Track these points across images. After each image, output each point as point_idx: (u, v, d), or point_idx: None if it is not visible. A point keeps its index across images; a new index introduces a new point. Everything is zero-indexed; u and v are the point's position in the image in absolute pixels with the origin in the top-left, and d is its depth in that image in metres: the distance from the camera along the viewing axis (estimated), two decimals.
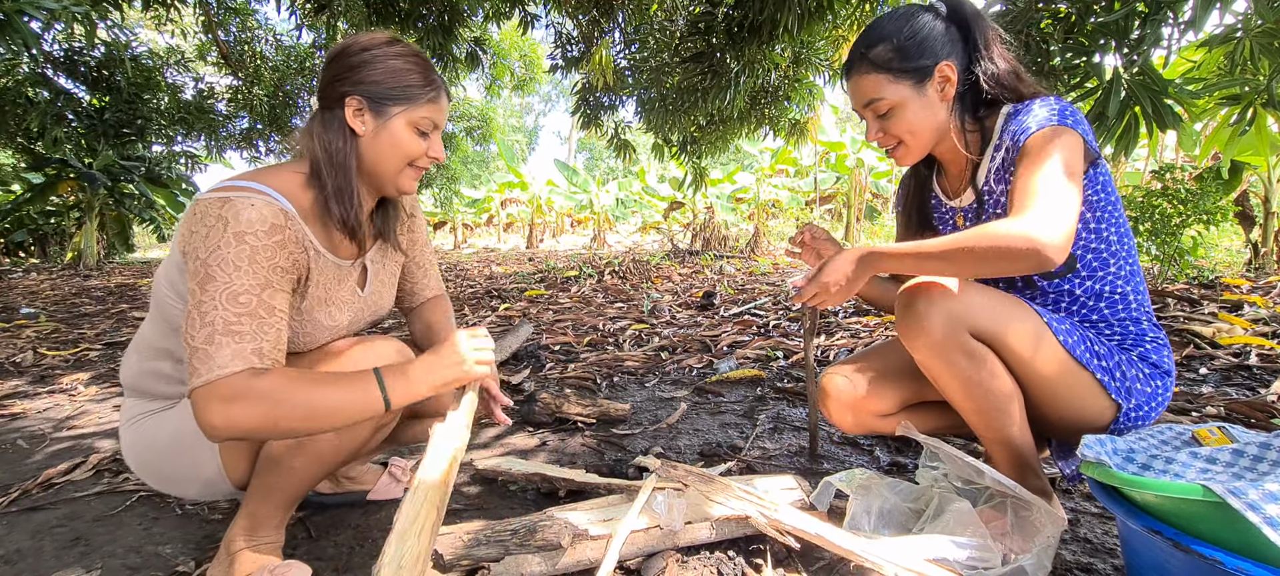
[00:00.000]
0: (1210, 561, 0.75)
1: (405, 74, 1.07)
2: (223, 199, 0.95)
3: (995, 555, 1.04)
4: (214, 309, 0.89)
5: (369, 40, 1.08)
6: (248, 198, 0.95)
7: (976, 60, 1.16)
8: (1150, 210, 3.72)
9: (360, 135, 1.07)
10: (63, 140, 8.67)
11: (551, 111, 44.93)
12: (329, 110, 1.06)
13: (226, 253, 0.91)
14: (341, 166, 1.05)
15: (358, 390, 0.95)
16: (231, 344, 0.88)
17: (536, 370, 2.79)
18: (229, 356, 0.87)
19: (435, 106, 1.11)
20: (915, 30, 1.15)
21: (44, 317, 4.58)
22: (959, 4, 1.19)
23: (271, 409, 0.88)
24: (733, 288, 5.36)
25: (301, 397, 0.90)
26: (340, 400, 0.93)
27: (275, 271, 0.96)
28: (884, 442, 1.79)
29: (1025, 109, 1.11)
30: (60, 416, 2.24)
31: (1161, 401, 1.14)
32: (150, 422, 1.11)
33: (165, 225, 11.37)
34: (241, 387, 0.87)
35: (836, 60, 5.18)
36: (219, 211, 0.93)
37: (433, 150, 1.12)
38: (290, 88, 8.82)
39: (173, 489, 1.14)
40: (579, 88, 5.88)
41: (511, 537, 1.11)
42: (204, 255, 0.91)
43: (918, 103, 1.17)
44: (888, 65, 1.16)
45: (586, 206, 16.00)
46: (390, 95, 1.06)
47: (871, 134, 1.24)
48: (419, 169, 1.14)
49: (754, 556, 1.18)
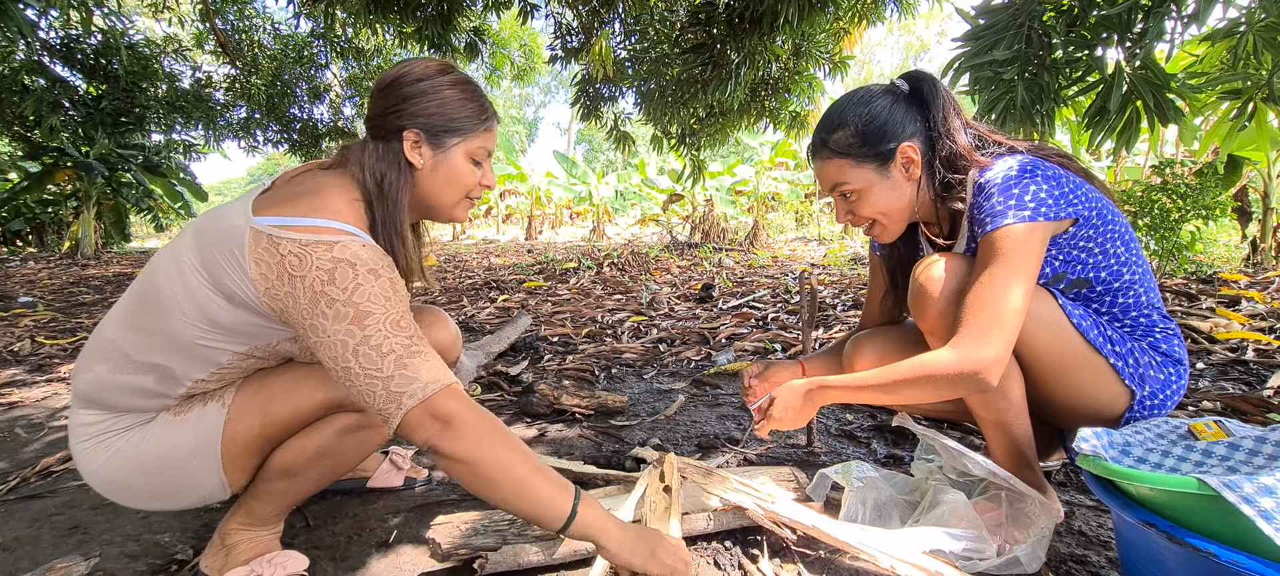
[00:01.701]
0: (1204, 554, 0.75)
1: (462, 105, 1.06)
2: (324, 243, 0.91)
3: (990, 546, 1.04)
4: (385, 339, 0.88)
5: (423, 70, 1.06)
6: (345, 239, 0.92)
7: (938, 137, 1.15)
8: (1150, 205, 3.72)
9: (417, 168, 1.06)
10: (59, 128, 8.63)
11: (551, 103, 44.85)
12: (383, 142, 1.04)
13: (370, 288, 0.90)
14: (393, 200, 1.03)
15: (550, 491, 0.91)
16: (425, 363, 0.89)
17: (535, 361, 2.79)
18: (430, 374, 0.89)
19: (490, 135, 1.11)
20: (874, 115, 1.15)
21: (42, 306, 4.58)
22: (919, 84, 1.18)
23: (475, 449, 0.88)
24: (731, 280, 5.36)
25: (503, 457, 0.89)
26: (532, 488, 0.90)
27: (405, 300, 0.95)
28: (881, 435, 1.79)
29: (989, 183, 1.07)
30: (58, 405, 2.24)
31: (1177, 390, 1.14)
32: (124, 441, 1.02)
33: (162, 214, 11.33)
34: (457, 404, 0.88)
35: (838, 52, 5.15)
36: (332, 255, 0.90)
37: (485, 178, 1.13)
38: (288, 77, 8.78)
39: (156, 505, 1.07)
40: (578, 79, 5.85)
41: (509, 527, 1.12)
42: (343, 298, 0.88)
43: (883, 185, 1.16)
44: (849, 151, 1.16)
45: (585, 198, 15.97)
46: (448, 127, 1.05)
47: (841, 216, 1.24)
48: (473, 199, 1.14)
49: (751, 547, 1.18)
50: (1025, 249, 1.01)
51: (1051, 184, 1.05)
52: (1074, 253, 1.11)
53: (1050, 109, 1.92)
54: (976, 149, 1.14)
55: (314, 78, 9.26)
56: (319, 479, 1.11)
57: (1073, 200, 1.06)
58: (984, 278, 1.01)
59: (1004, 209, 1.03)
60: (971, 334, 0.99)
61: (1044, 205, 1.03)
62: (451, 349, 1.37)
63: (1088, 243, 1.10)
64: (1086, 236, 1.10)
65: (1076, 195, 1.07)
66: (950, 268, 1.09)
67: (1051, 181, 1.05)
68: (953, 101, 1.17)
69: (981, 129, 1.18)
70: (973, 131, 1.17)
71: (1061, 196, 1.05)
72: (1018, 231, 1.01)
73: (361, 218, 1.01)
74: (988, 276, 1.01)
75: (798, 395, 1.19)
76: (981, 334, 0.99)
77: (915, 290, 1.13)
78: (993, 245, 1.02)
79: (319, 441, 1.08)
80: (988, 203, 1.05)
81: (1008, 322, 0.99)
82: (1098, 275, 1.13)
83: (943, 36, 36.31)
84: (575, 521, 0.92)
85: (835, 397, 1.17)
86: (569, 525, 0.91)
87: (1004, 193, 1.04)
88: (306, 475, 1.09)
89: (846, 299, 4.02)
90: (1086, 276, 1.13)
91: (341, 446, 1.10)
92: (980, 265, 1.03)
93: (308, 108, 9.49)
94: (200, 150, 10.77)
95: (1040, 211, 1.02)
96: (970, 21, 1.88)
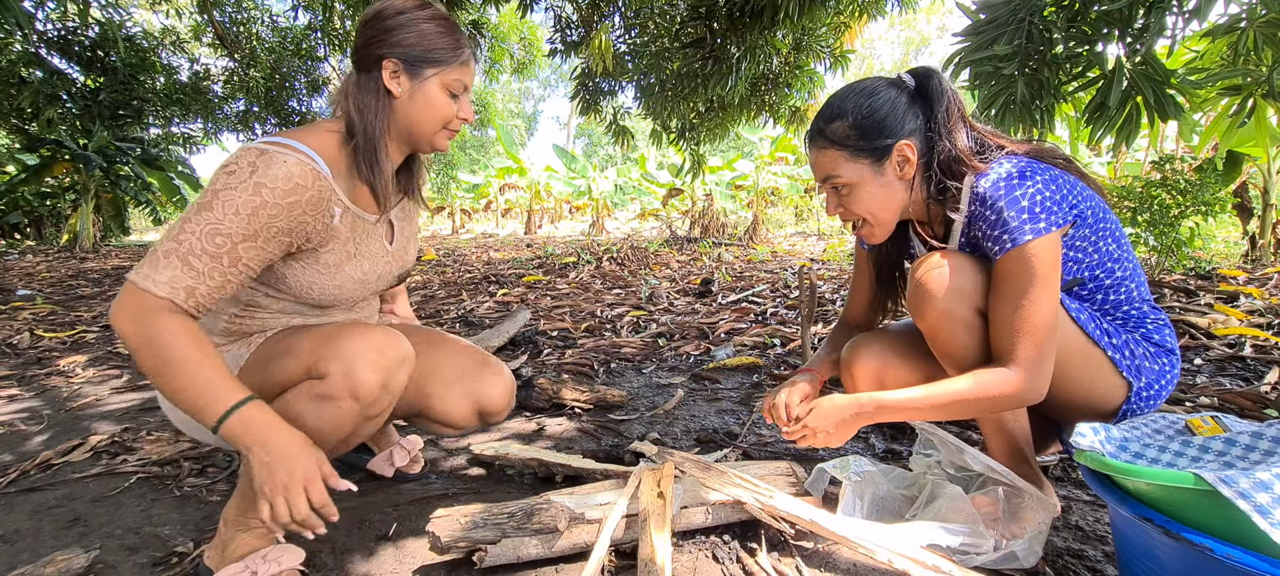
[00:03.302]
0: (1199, 548, 0.76)
1: (438, 37, 1.11)
2: (262, 150, 0.99)
3: (987, 541, 1.05)
4: (191, 234, 0.93)
5: (403, 3, 1.11)
6: (284, 154, 0.99)
7: (937, 138, 1.13)
8: (1149, 200, 3.72)
9: (396, 96, 1.11)
10: (57, 121, 8.61)
11: (550, 96, 44.73)
12: (365, 72, 1.10)
13: (236, 196, 0.95)
14: (371, 126, 1.09)
15: (205, 398, 0.91)
16: (177, 271, 0.92)
17: (534, 356, 2.79)
18: (166, 280, 0.91)
19: (465, 69, 1.15)
20: (875, 108, 1.13)
21: (40, 299, 4.57)
22: (927, 82, 1.16)
23: (145, 348, 0.90)
24: (731, 275, 5.36)
25: (162, 360, 0.90)
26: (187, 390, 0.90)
27: (270, 231, 0.98)
28: (879, 430, 1.80)
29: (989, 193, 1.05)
30: (58, 398, 2.24)
31: (1170, 380, 1.14)
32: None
33: (161, 208, 11.31)
34: (150, 311, 0.90)
35: (838, 47, 5.14)
36: (253, 160, 0.98)
37: (463, 111, 1.17)
38: (287, 70, 8.75)
39: (186, 430, 1.16)
40: (578, 72, 5.83)
41: (509, 520, 1.12)
42: (218, 187, 0.96)
43: (876, 183, 1.15)
44: (845, 142, 1.14)
45: (585, 192, 15.95)
46: (424, 58, 1.10)
47: (830, 209, 1.22)
48: (452, 130, 1.18)
49: (749, 541, 1.19)
50: (1053, 264, 1.02)
51: (1052, 187, 1.04)
52: (1071, 252, 1.11)
53: (1050, 104, 1.91)
54: (976, 153, 1.12)
55: (312, 71, 9.22)
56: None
57: (1073, 200, 1.07)
58: (1028, 298, 1.01)
59: (1018, 224, 1.01)
60: (1029, 358, 1.01)
61: (1052, 211, 1.02)
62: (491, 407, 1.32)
63: (1083, 242, 1.10)
64: (1083, 236, 1.10)
65: (1074, 194, 1.07)
66: (953, 266, 1.08)
67: (1050, 183, 1.04)
68: (958, 101, 1.15)
69: (983, 131, 1.16)
70: (975, 134, 1.15)
71: (1063, 198, 1.04)
72: (1045, 246, 1.01)
73: (336, 148, 1.09)
74: (1030, 298, 1.01)
75: (844, 412, 1.15)
76: (1041, 359, 1.01)
77: (915, 289, 1.12)
78: (1026, 264, 1.01)
79: (285, 406, 1.04)
80: (997, 216, 1.03)
81: (1054, 341, 1.02)
82: (1092, 273, 1.13)
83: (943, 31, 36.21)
84: (221, 430, 0.90)
85: (886, 416, 1.14)
86: (216, 431, 0.91)
87: (1011, 204, 1.02)
88: None
89: (845, 294, 4.02)
90: (1080, 275, 1.13)
91: (308, 414, 1.03)
92: (1015, 284, 1.02)
93: (306, 101, 9.45)
94: (199, 143, 10.75)
95: (1052, 220, 1.02)
96: (971, 16, 1.87)
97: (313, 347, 1.06)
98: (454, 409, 1.28)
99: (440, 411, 1.28)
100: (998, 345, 1.05)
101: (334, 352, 1.03)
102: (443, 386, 1.28)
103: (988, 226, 1.05)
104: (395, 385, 1.09)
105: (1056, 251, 1.02)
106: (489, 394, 1.31)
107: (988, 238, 1.06)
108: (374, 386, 1.04)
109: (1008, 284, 1.03)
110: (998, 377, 1.03)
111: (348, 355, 1.03)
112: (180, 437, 1.78)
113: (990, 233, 1.05)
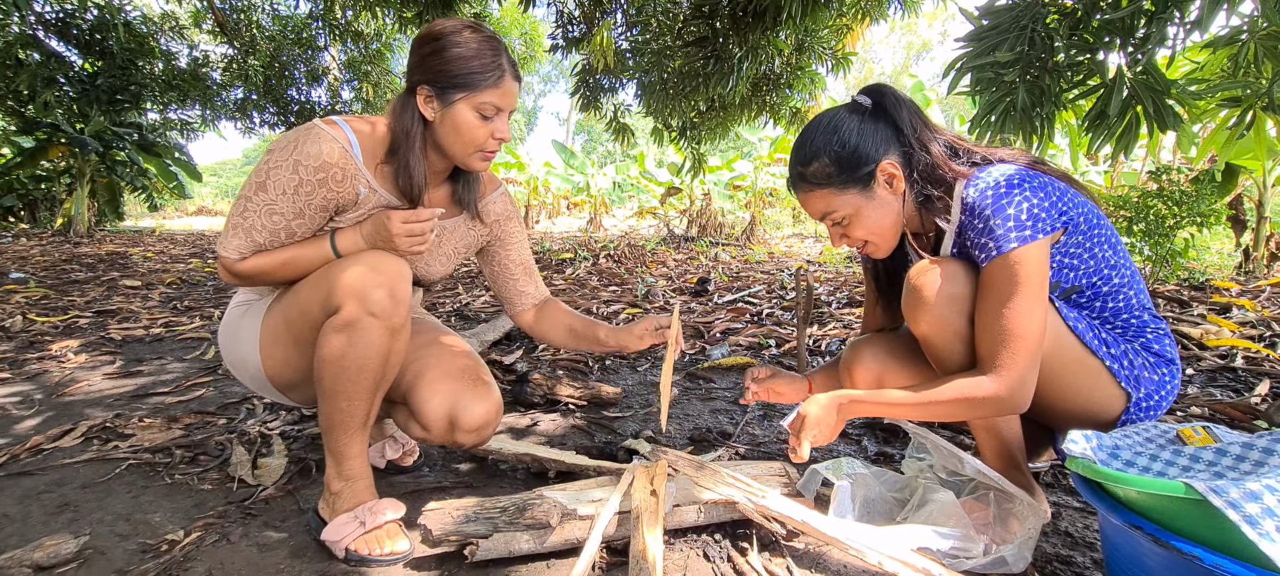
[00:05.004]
0: (1188, 557, 0.76)
1: (468, 61, 1.14)
2: (309, 127, 1.16)
3: (977, 545, 1.05)
4: (254, 212, 1.16)
5: (442, 28, 1.16)
6: (323, 133, 1.15)
7: (911, 149, 1.14)
8: (1145, 211, 3.73)
9: (430, 122, 1.19)
10: (54, 104, 8.54)
11: (550, 92, 44.63)
12: (408, 94, 1.20)
13: (282, 175, 1.14)
14: (408, 147, 1.19)
15: (314, 259, 1.20)
16: (243, 240, 1.17)
17: (529, 351, 2.79)
18: (236, 246, 1.17)
19: (496, 90, 1.16)
20: (845, 139, 1.13)
21: (33, 283, 4.55)
22: (881, 98, 1.17)
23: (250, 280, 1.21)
24: (727, 275, 5.37)
25: (268, 275, 1.21)
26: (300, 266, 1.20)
27: (310, 206, 1.17)
28: (872, 432, 1.80)
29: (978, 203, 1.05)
30: (50, 383, 2.23)
31: (1171, 390, 1.14)
32: (234, 310, 1.34)
33: (156, 194, 11.24)
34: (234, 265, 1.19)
35: (840, 48, 5.14)
36: (296, 137, 1.16)
37: (498, 131, 1.19)
38: (286, 58, 8.72)
39: (234, 371, 1.35)
40: (579, 68, 5.82)
41: (501, 515, 1.12)
42: (273, 163, 1.15)
43: (870, 206, 1.16)
44: (829, 180, 1.15)
45: (583, 189, 15.92)
46: (453, 83, 1.14)
47: (835, 241, 1.24)
48: (487, 151, 1.21)
49: (740, 540, 1.19)
50: (1040, 272, 1.02)
51: (1041, 194, 1.04)
52: (1065, 259, 1.11)
53: (1050, 112, 1.92)
54: (951, 158, 1.13)
55: (312, 60, 9.19)
56: (341, 392, 1.14)
57: (1063, 208, 1.06)
58: (1011, 306, 1.01)
59: (1005, 231, 1.02)
60: (1011, 366, 1.01)
61: (1040, 220, 1.02)
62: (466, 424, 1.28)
63: (1077, 249, 1.10)
64: (1076, 243, 1.10)
65: (1064, 201, 1.07)
66: (946, 274, 1.09)
67: (1039, 190, 1.04)
68: (918, 110, 1.17)
69: (950, 136, 1.17)
70: (943, 138, 1.16)
71: (1052, 206, 1.04)
72: (1030, 254, 1.01)
73: (377, 139, 1.21)
74: (1013, 306, 1.00)
75: (830, 409, 1.17)
76: (1021, 365, 1.01)
77: (909, 295, 1.12)
78: (1011, 271, 1.01)
79: (319, 349, 1.14)
80: (985, 224, 1.04)
81: (1038, 349, 1.02)
82: (1089, 280, 1.13)
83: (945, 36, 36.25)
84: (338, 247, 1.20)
85: (866, 411, 1.16)
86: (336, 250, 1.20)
87: (998, 211, 1.02)
88: (325, 387, 1.14)
89: (841, 296, 4.03)
90: (1077, 282, 1.13)
91: (337, 347, 1.11)
92: (998, 292, 1.02)
93: (306, 90, 9.42)
94: (196, 130, 10.69)
95: (1039, 228, 1.02)
96: (974, 22, 1.88)
97: (318, 286, 1.16)
98: (431, 410, 1.25)
99: (418, 404, 1.26)
100: (981, 352, 1.05)
101: (338, 285, 1.12)
102: (427, 384, 1.27)
103: (975, 234, 1.06)
104: (401, 293, 1.15)
105: (1043, 260, 1.02)
106: (469, 410, 1.25)
107: (975, 245, 1.06)
108: (383, 298, 1.11)
109: (993, 291, 1.03)
110: (978, 384, 1.03)
111: (351, 283, 1.11)
112: (172, 425, 1.78)
113: (978, 240, 1.06)
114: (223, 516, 1.28)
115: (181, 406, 2.00)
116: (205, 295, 4.39)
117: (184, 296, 4.31)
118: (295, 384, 1.30)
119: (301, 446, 1.66)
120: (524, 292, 1.50)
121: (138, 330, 3.15)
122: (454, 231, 1.39)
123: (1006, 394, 1.02)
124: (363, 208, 1.23)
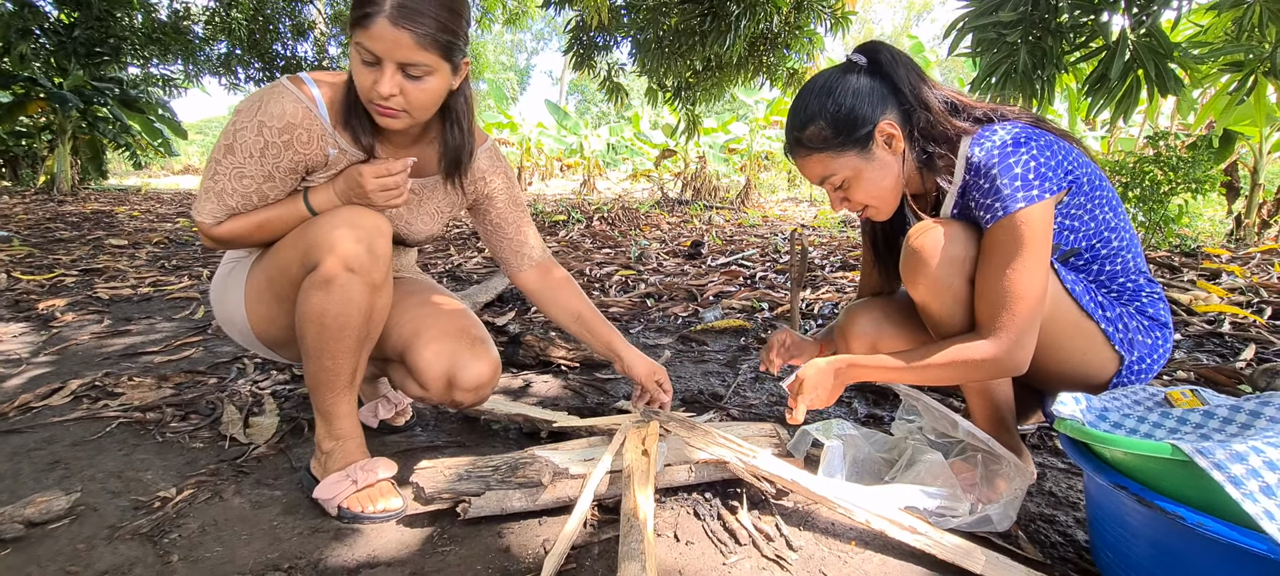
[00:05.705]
0: (1171, 516, 0.77)
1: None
2: (273, 86, 1.13)
3: (963, 504, 1.07)
4: (224, 176, 1.13)
5: None
6: (287, 92, 1.11)
7: (910, 107, 1.11)
8: (1141, 176, 3.72)
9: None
10: (30, 57, 8.28)
11: (543, 50, 43.60)
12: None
13: (248, 136, 1.10)
14: (351, 96, 1.14)
15: (289, 218, 1.18)
16: (215, 204, 1.15)
17: (521, 312, 2.78)
18: (210, 210, 1.15)
19: (365, 31, 0.99)
20: (840, 101, 1.10)
21: (17, 242, 4.48)
22: (877, 55, 1.13)
23: (229, 242, 1.20)
24: (721, 238, 5.35)
25: (244, 238, 1.19)
26: (276, 227, 1.18)
27: (279, 168, 1.14)
28: (862, 394, 1.82)
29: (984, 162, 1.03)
30: (38, 341, 2.21)
31: (1163, 353, 1.15)
32: (224, 267, 1.34)
33: (140, 151, 11.01)
34: (210, 229, 1.17)
35: (840, 7, 5.03)
36: (261, 96, 1.12)
37: (380, 84, 1.02)
38: (270, 11, 8.45)
39: (225, 328, 1.36)
40: (573, 25, 5.68)
41: (493, 474, 1.12)
42: (238, 125, 1.11)
43: (869, 168, 1.13)
44: (826, 144, 1.12)
45: (577, 150, 15.72)
46: (351, 19, 1.05)
47: (835, 206, 1.21)
48: (376, 105, 1.06)
49: (730, 499, 1.20)
50: (1045, 232, 1.00)
51: (1047, 153, 1.02)
52: (1066, 220, 1.09)
53: (1051, 74, 1.89)
54: (951, 115, 1.11)
55: (297, 13, 8.92)
56: (325, 350, 1.12)
57: (1068, 167, 1.05)
58: (1014, 267, 0.99)
59: (1011, 191, 1.00)
60: (1010, 327, 1.00)
61: (1046, 178, 1.00)
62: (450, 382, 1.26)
63: (1079, 210, 1.09)
64: (1078, 204, 1.09)
65: (1069, 161, 1.06)
66: (948, 235, 1.07)
67: (1045, 149, 1.02)
68: (915, 66, 1.14)
69: (950, 93, 1.14)
70: (942, 94, 1.13)
71: (1058, 165, 1.03)
72: (1036, 214, 0.99)
73: (336, 94, 1.16)
74: (1016, 267, 0.99)
75: (827, 374, 1.17)
76: (1021, 328, 1.00)
77: (908, 257, 1.11)
78: (1016, 232, 1.00)
79: (299, 307, 1.13)
80: (990, 184, 1.02)
81: (1039, 312, 1.01)
82: (1088, 242, 1.12)
83: None
84: (312, 204, 1.17)
85: (865, 376, 1.17)
86: (310, 207, 1.17)
87: (1005, 171, 1.00)
88: (308, 346, 1.13)
89: (835, 260, 4.03)
90: (1077, 244, 1.13)
91: (316, 304, 1.10)
92: (1003, 253, 1.01)
93: (291, 44, 9.16)
94: (180, 85, 10.39)
95: (1046, 187, 1.00)
96: None
97: (297, 243, 1.15)
98: (430, 369, 1.23)
99: (415, 363, 1.25)
100: (981, 314, 1.05)
101: (316, 241, 1.10)
102: (425, 343, 1.25)
103: (981, 194, 1.04)
104: (380, 248, 1.12)
105: (1048, 220, 1.01)
106: (467, 369, 1.24)
107: (980, 206, 1.05)
108: (361, 253, 1.09)
109: (996, 253, 1.02)
110: (977, 347, 1.03)
111: (328, 239, 1.09)
112: (163, 384, 1.77)
113: (983, 201, 1.04)
114: (215, 474, 1.29)
115: (171, 365, 1.99)
116: (193, 255, 4.33)
117: (171, 255, 4.26)
118: (283, 341, 1.29)
119: (293, 405, 1.66)
120: (520, 252, 1.42)
121: (125, 289, 3.11)
122: (435, 189, 1.34)
123: (1006, 356, 1.01)
124: (334, 168, 1.19)
